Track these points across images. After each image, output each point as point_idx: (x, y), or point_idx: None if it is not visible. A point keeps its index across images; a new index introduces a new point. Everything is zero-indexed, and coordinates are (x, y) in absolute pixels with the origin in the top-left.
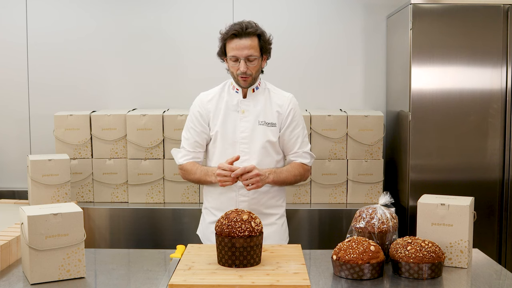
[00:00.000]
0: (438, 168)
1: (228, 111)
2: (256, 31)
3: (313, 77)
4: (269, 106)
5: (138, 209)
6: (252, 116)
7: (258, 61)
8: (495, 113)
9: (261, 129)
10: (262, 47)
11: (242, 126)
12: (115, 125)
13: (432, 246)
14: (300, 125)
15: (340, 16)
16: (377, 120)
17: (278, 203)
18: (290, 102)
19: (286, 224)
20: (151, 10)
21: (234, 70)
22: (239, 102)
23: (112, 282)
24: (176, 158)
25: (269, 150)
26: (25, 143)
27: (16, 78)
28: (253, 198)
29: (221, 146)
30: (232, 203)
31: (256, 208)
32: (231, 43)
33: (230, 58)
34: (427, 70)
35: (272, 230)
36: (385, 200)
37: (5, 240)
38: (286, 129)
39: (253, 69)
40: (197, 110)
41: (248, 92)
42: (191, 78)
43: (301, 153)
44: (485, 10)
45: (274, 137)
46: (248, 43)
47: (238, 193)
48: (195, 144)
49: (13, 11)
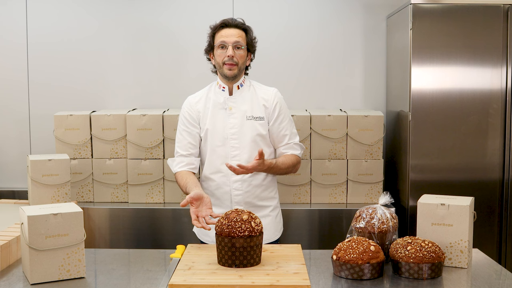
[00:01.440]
0: (438, 168)
1: (216, 109)
2: (243, 25)
3: (313, 77)
4: (255, 101)
5: (138, 209)
6: (240, 112)
7: (244, 52)
8: (495, 113)
9: (249, 123)
10: (248, 42)
11: (230, 122)
12: (115, 125)
13: (432, 246)
14: (287, 117)
15: (340, 16)
16: (377, 120)
17: (271, 194)
18: (275, 96)
19: (281, 215)
20: (151, 10)
21: (220, 59)
22: (226, 99)
23: (112, 282)
24: (172, 167)
25: (260, 143)
26: (25, 143)
27: (16, 78)
28: (247, 191)
29: (211, 143)
30: (227, 197)
31: (250, 201)
32: (220, 32)
33: (218, 45)
34: (427, 70)
35: (266, 222)
36: (385, 200)
37: (5, 240)
38: (274, 123)
39: (239, 57)
40: (186, 111)
41: (234, 89)
42: (191, 78)
43: (292, 144)
44: (485, 10)
45: (263, 130)
46: (236, 32)
47: (232, 187)
48: (188, 146)
49: (13, 11)
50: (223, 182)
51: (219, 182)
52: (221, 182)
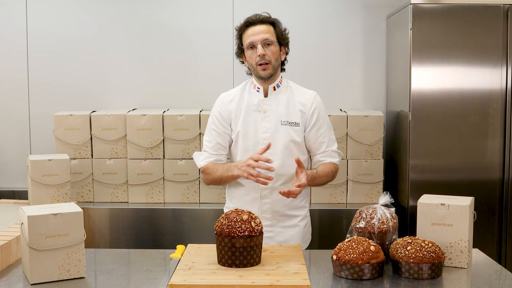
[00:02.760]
0: (438, 168)
1: (249, 111)
2: (269, 18)
3: (313, 77)
4: (292, 105)
5: (138, 209)
6: (274, 115)
7: (276, 47)
8: (495, 113)
9: (284, 129)
10: (278, 36)
11: (264, 126)
12: (115, 125)
13: (432, 246)
14: (326, 123)
15: (340, 16)
16: (377, 120)
17: (302, 204)
18: (314, 101)
19: (310, 224)
20: (151, 10)
21: (252, 60)
22: (261, 101)
23: (112, 282)
24: (198, 160)
25: (293, 150)
26: (25, 143)
27: (16, 78)
28: (277, 200)
29: (242, 147)
30: (256, 204)
31: (279, 210)
32: (246, 32)
33: (247, 47)
34: (427, 70)
35: (293, 232)
36: (385, 200)
37: (5, 240)
38: (311, 129)
39: (271, 55)
40: (218, 111)
41: (269, 90)
42: (191, 78)
43: (330, 152)
44: (485, 10)
45: (298, 137)
46: (263, 29)
47: (262, 194)
48: (217, 147)
49: (13, 11)
50: (252, 188)
51: (249, 188)
52: (251, 188)
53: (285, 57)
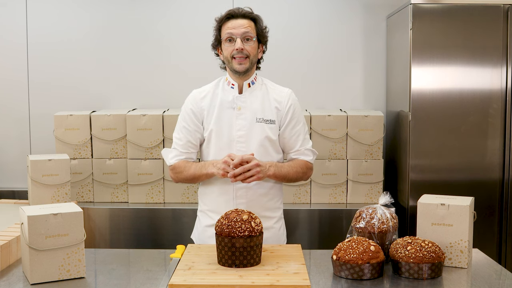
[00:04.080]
0: (438, 168)
1: (223, 108)
2: (251, 14)
3: (313, 77)
4: (267, 102)
5: (138, 209)
6: (249, 113)
7: (255, 43)
8: (495, 113)
9: (259, 126)
10: (258, 33)
11: (238, 124)
12: (115, 125)
13: (432, 246)
14: (301, 121)
15: (340, 16)
16: (377, 120)
17: (276, 205)
18: (289, 98)
19: (284, 226)
20: (151, 10)
21: (228, 53)
22: (235, 98)
23: (112, 282)
24: (167, 158)
25: (268, 148)
26: (25, 143)
27: (16, 78)
28: (251, 200)
29: (216, 145)
30: (230, 205)
31: (254, 210)
32: (226, 24)
33: (225, 38)
34: (427, 70)
35: (268, 235)
36: (385, 200)
37: (5, 240)
38: (287, 127)
39: (250, 50)
40: (190, 108)
41: (244, 87)
42: (191, 78)
43: (303, 150)
44: (485, 10)
45: (273, 135)
46: (243, 23)
47: (236, 194)
48: (187, 145)
49: (13, 11)
50: (226, 189)
51: (222, 188)
52: (224, 189)
53: (261, 55)
